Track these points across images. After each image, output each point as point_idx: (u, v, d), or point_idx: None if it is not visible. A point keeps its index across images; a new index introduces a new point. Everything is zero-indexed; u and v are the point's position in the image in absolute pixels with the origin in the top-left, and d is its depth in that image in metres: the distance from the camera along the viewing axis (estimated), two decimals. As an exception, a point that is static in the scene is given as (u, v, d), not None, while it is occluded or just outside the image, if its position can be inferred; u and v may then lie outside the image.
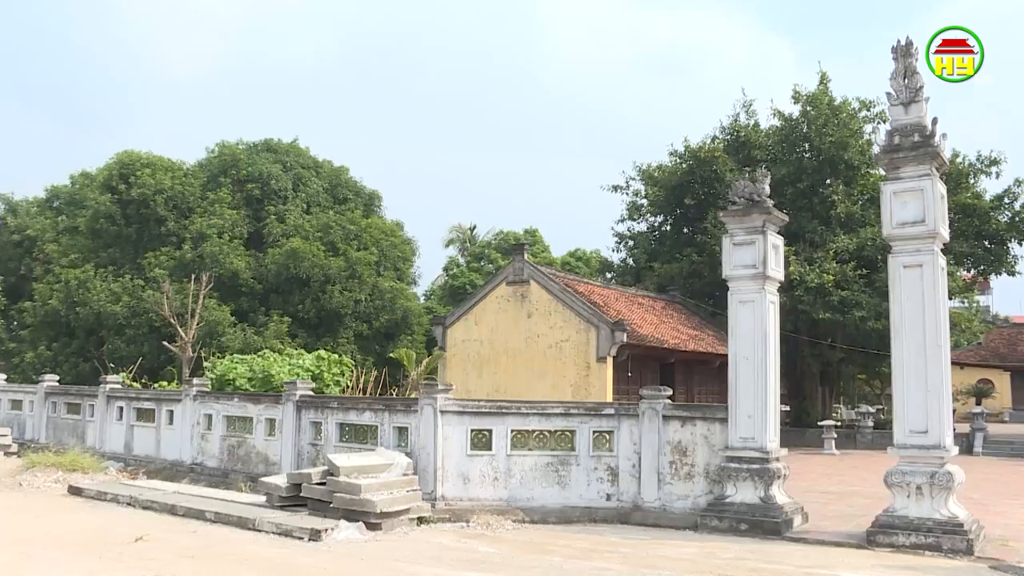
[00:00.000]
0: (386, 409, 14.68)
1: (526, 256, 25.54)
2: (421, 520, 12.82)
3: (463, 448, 13.67)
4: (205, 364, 23.42)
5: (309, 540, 11.35)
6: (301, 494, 13.04)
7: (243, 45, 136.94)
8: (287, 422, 15.93)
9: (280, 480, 13.61)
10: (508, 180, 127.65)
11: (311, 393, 16.58)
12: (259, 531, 12.00)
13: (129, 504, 14.16)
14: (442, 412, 13.67)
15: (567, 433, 13.87)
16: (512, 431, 13.81)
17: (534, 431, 13.90)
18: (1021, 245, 31.83)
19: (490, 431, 13.80)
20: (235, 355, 23.90)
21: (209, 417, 17.71)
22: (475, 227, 58.12)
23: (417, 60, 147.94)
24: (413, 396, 16.94)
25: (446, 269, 53.05)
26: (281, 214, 38.45)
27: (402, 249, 42.53)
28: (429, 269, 68.99)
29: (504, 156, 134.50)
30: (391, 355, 33.09)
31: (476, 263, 51.26)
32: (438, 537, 11.95)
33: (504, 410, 14.01)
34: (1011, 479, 20.21)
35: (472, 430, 13.80)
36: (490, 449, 13.74)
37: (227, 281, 34.70)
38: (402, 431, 14.22)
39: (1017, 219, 31.28)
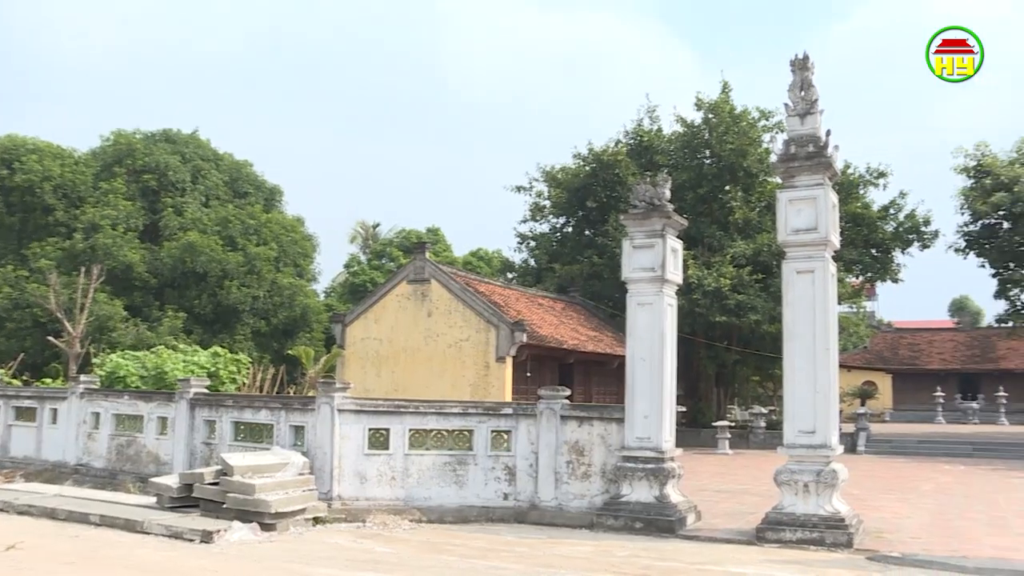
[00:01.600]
0: (283, 407, 14.43)
1: (427, 255, 25.48)
2: (317, 520, 12.62)
3: (360, 447, 13.53)
4: (94, 360, 22.57)
5: (200, 542, 11.05)
6: (193, 495, 12.70)
7: (143, 35, 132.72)
8: (180, 420, 15.48)
9: (171, 480, 13.22)
10: (413, 179, 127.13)
11: (206, 391, 16.16)
12: (147, 534, 11.61)
13: (2, 510, 13.47)
14: (339, 411, 13.51)
15: (465, 432, 13.85)
16: (410, 430, 13.72)
17: (432, 430, 13.84)
18: (904, 254, 33.41)
19: (388, 430, 13.69)
20: (126, 351, 23.10)
21: (97, 416, 17.08)
22: (378, 225, 57.84)
23: (324, 57, 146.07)
24: (311, 394, 16.68)
25: (347, 266, 52.52)
26: (179, 206, 37.40)
27: (303, 245, 41.92)
28: (330, 266, 68.31)
29: (410, 155, 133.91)
30: (289, 352, 32.47)
31: (378, 261, 50.84)
32: (334, 537, 11.80)
33: (402, 409, 13.92)
34: (889, 475, 21.05)
35: (370, 429, 13.67)
36: (388, 448, 13.62)
37: (120, 274, 33.54)
38: (299, 430, 13.99)
39: (901, 229, 32.76)
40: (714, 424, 29.60)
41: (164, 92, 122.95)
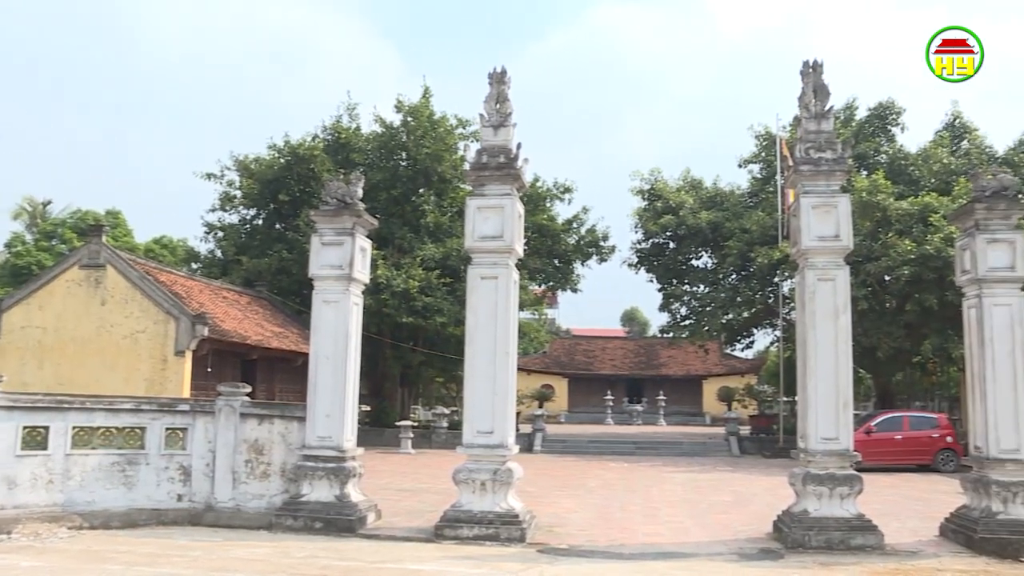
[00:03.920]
0: (-88, 404, 12.78)
1: (105, 238, 23.72)
2: (-54, 538, 11.13)
3: (11, 448, 12.16)
4: None
5: None
6: None
7: None
8: None
9: None
10: (94, 156, 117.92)
11: None
12: None
13: None
14: (-12, 407, 12.19)
15: (137, 430, 13.04)
16: (74, 428, 12.64)
17: (100, 428, 12.86)
18: (583, 265, 35.88)
19: (47, 428, 12.49)
20: None
21: None
22: (50, 202, 52.87)
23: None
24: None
25: (9, 246, 47.64)
26: None
27: (-46, 220, 37.62)
28: (-12, 245, 61.42)
29: (91, 130, 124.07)
30: (-71, 341, 29.01)
31: (47, 242, 46.48)
32: (-34, 555, 10.47)
33: (65, 405, 12.80)
34: (562, 473, 22.42)
35: (25, 427, 12.32)
36: (46, 448, 12.42)
37: None
38: (-67, 431, 12.45)
39: (582, 242, 35.15)
40: (398, 424, 30.02)
41: None
